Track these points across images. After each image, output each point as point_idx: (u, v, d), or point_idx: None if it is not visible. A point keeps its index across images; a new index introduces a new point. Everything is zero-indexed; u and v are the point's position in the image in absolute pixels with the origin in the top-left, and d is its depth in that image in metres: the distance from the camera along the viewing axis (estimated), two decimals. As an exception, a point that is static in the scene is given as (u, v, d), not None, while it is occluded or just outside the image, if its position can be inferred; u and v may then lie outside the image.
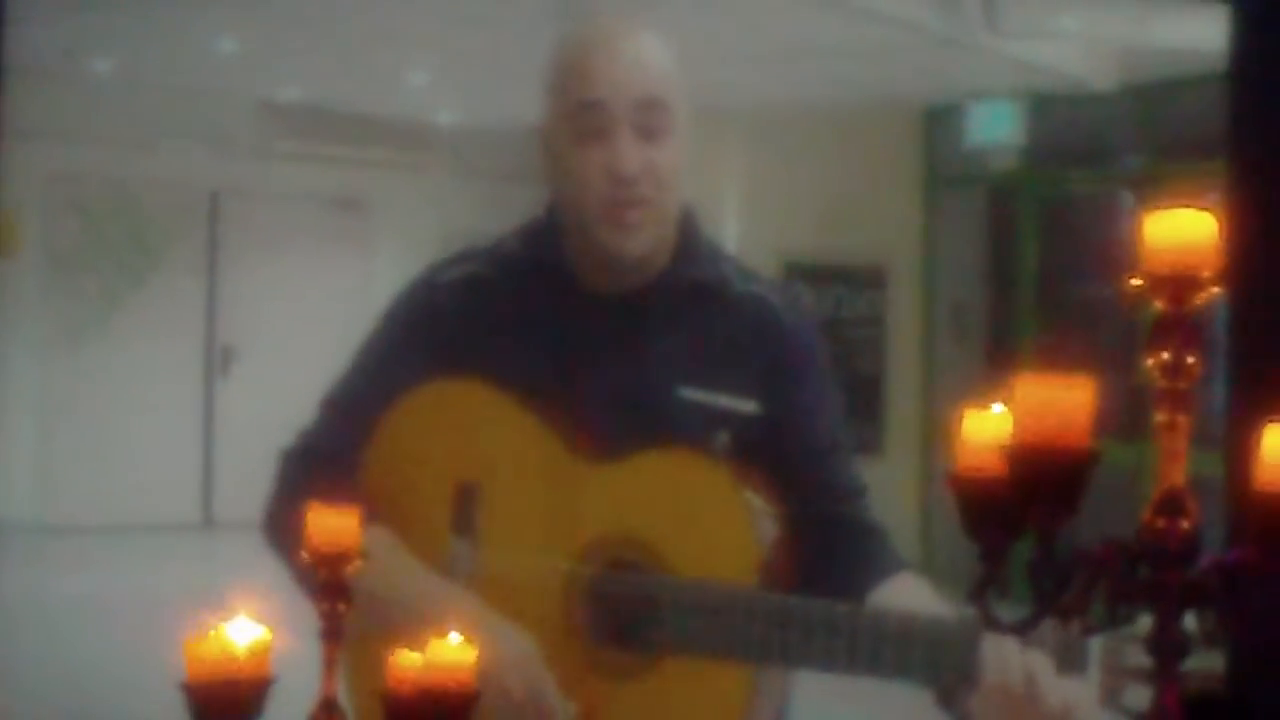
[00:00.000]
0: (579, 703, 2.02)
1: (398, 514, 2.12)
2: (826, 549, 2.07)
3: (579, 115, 2.08)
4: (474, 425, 2.14)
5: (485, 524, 2.10)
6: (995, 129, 10.56)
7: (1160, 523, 1.06)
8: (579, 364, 2.12)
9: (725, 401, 2.11)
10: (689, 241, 2.17)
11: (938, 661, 1.83)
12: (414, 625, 1.47)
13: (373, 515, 2.07)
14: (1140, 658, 1.10)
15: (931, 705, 1.89)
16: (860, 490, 2.16)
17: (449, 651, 1.36)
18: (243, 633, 1.37)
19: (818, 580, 1.99)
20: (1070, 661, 1.74)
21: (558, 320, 2.15)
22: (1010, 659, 1.78)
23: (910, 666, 1.86)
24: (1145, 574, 1.07)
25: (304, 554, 1.43)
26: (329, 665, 1.40)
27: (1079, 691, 1.79)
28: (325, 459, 2.14)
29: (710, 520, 2.03)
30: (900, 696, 2.02)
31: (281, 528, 2.06)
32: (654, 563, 2.02)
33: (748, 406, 2.11)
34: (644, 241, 2.10)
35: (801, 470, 2.10)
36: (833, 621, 1.89)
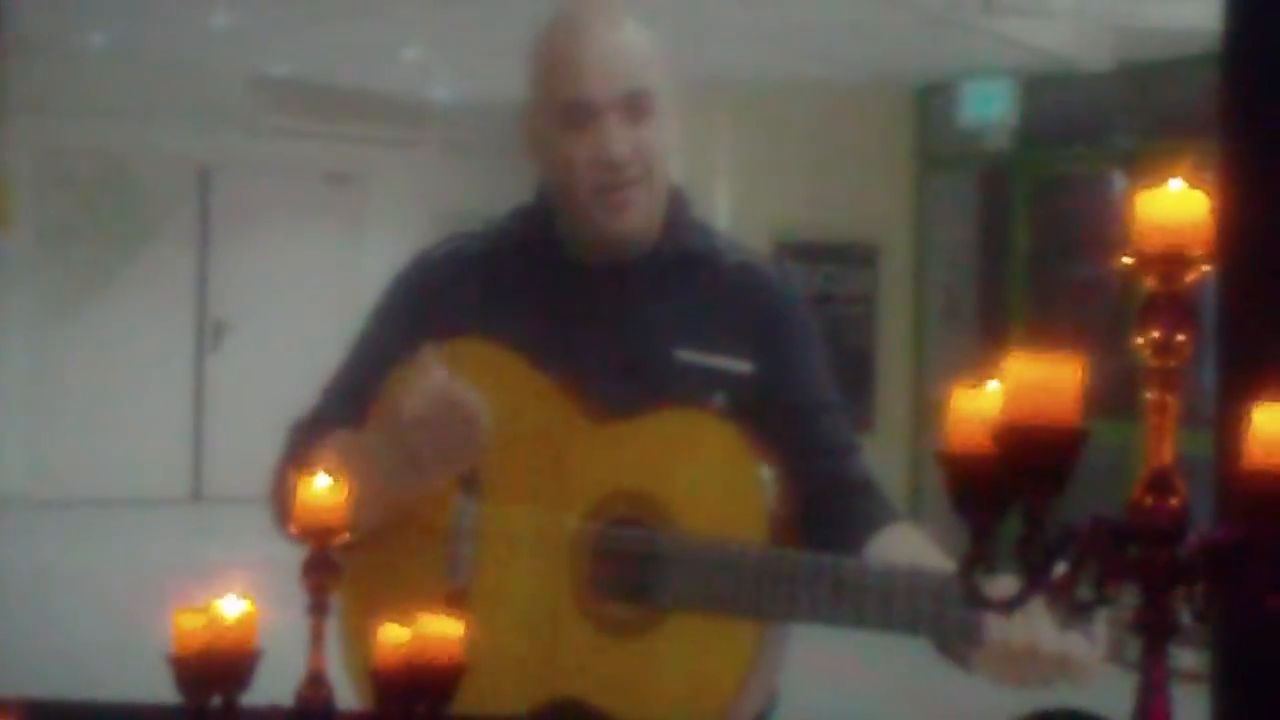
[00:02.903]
0: (582, 659, 2.04)
1: None
2: (822, 504, 2.08)
3: (565, 111, 2.10)
4: (478, 383, 2.14)
5: (491, 481, 2.11)
6: (988, 108, 10.56)
7: (1149, 501, 1.07)
8: (573, 330, 2.13)
9: (720, 362, 2.12)
10: (677, 217, 2.19)
11: (944, 616, 1.85)
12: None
13: None
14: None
15: (914, 688, 1.90)
16: (853, 446, 2.18)
17: (436, 625, 1.36)
18: (230, 606, 1.37)
19: (813, 534, 2.01)
20: (1074, 616, 1.75)
21: (550, 289, 2.16)
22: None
23: (917, 621, 1.88)
24: (1133, 552, 1.07)
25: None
26: (316, 639, 1.40)
27: (1077, 644, 1.81)
28: (331, 428, 2.16)
29: (719, 478, 2.04)
30: (886, 680, 2.02)
31: (286, 499, 2.07)
32: (662, 520, 2.03)
33: (742, 367, 2.13)
34: (635, 219, 2.11)
35: (796, 428, 2.12)
36: (840, 577, 1.91)
